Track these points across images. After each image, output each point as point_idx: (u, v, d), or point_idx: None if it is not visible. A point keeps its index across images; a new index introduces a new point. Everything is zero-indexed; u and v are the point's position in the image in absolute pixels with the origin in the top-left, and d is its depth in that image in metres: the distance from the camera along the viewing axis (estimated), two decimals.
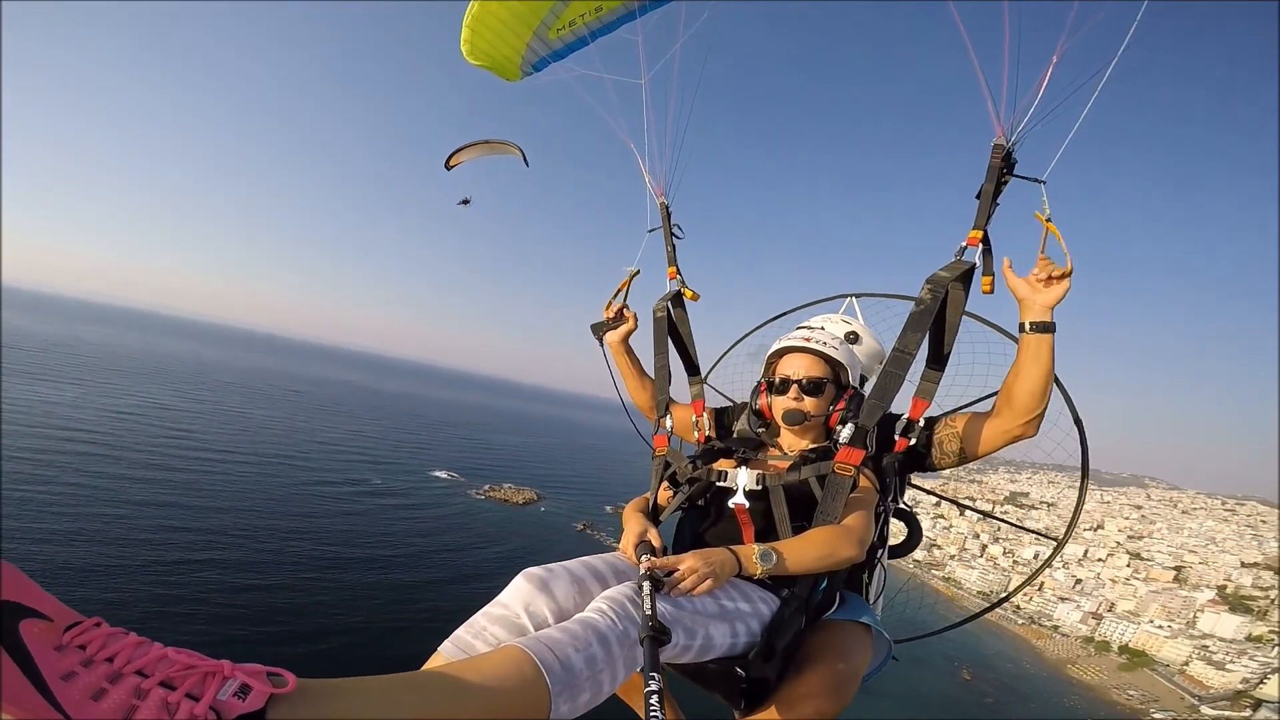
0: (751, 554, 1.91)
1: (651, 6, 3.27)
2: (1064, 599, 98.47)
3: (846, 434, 2.25)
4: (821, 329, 2.72)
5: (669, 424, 2.86)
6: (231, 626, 42.08)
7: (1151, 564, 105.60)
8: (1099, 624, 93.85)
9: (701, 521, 2.53)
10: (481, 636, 1.61)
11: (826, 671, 2.03)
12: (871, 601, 2.72)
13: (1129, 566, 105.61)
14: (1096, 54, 2.12)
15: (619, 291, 3.23)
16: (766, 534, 2.28)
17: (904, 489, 2.79)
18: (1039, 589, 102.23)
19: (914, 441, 2.39)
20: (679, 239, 3.24)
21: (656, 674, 1.35)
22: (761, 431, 2.69)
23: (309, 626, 44.96)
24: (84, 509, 55.17)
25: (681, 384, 3.02)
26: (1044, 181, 2.17)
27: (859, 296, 3.67)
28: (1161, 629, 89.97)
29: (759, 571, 1.92)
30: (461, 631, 1.64)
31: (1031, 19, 2.06)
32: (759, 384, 2.69)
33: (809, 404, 2.49)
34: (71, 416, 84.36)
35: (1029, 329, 2.11)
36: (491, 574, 61.97)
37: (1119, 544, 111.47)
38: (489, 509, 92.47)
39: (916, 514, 2.91)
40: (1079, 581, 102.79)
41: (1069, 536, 2.80)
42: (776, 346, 2.66)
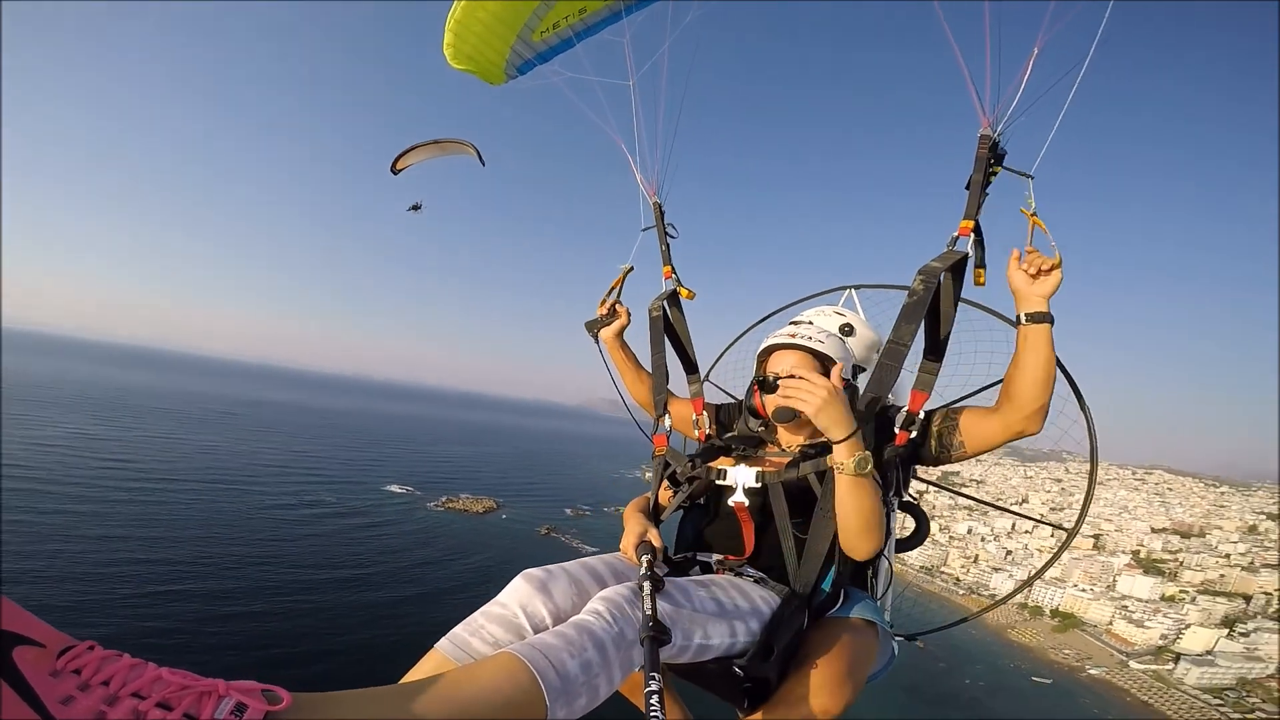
0: (851, 455, 1.94)
1: (637, 7, 3.25)
2: (997, 569, 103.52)
3: None
4: (810, 323, 2.71)
5: (668, 422, 2.84)
6: (225, 655, 42.04)
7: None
8: (1030, 590, 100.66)
9: (702, 520, 2.58)
10: (479, 635, 1.62)
11: (830, 670, 2.01)
12: (879, 598, 2.73)
13: (1053, 537, 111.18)
14: (1081, 45, 2.18)
15: (613, 288, 3.19)
16: (766, 531, 2.32)
17: (907, 483, 2.74)
18: (974, 561, 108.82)
19: (914, 434, 2.34)
20: (673, 238, 3.21)
21: (657, 674, 1.37)
22: (761, 429, 2.68)
23: (301, 649, 45.23)
24: (34, 547, 52.88)
25: (680, 383, 2.98)
26: (1032, 177, 2.21)
27: (857, 288, 3.70)
28: (1085, 592, 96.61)
29: (850, 465, 1.93)
30: (459, 629, 1.65)
31: (1012, 9, 2.09)
32: (752, 383, 2.66)
33: None
34: None
35: (1025, 320, 2.12)
36: (470, 585, 62.61)
37: (1043, 515, 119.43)
38: (451, 520, 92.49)
39: (922, 507, 2.92)
40: (1009, 553, 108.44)
41: (1079, 528, 2.74)
42: (764, 345, 2.66)
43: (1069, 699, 71.44)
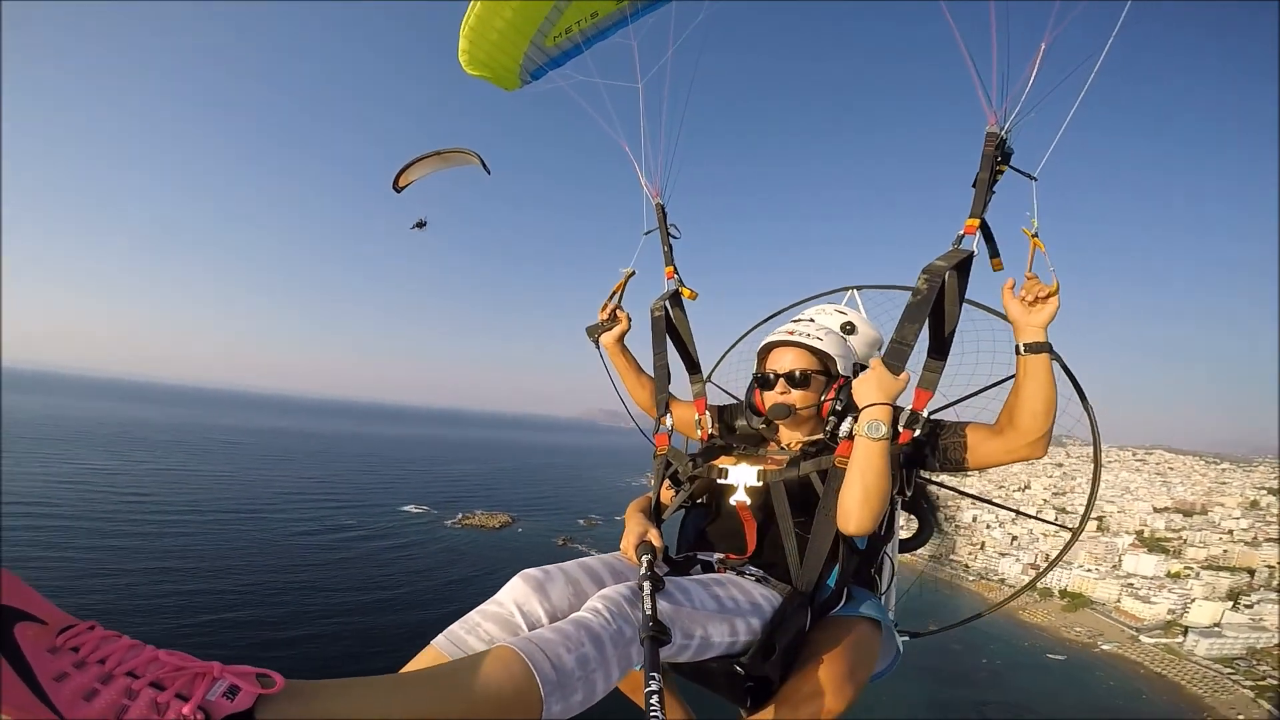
0: (877, 421, 2.02)
1: (644, 11, 3.29)
2: (1004, 554, 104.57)
3: (846, 427, 2.24)
4: (810, 321, 2.72)
5: (669, 422, 2.82)
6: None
7: (1076, 516, 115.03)
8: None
9: (704, 519, 2.58)
10: (475, 632, 1.62)
11: (832, 670, 2.00)
12: (882, 595, 2.74)
13: (1057, 521, 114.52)
14: (1094, 41, 2.10)
15: (614, 293, 3.16)
16: (768, 530, 2.33)
17: (910, 482, 2.62)
18: (980, 548, 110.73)
19: (918, 433, 2.25)
20: (675, 238, 3.19)
21: (657, 673, 1.38)
22: (763, 428, 2.67)
23: (361, 667, 46.40)
24: (77, 583, 54.13)
25: (683, 383, 2.94)
26: (1035, 179, 2.17)
27: (860, 289, 3.70)
28: (1091, 572, 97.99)
29: (864, 427, 2.03)
30: (456, 626, 1.64)
31: (1021, 5, 2.05)
32: (752, 381, 2.69)
33: (795, 397, 2.50)
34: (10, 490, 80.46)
35: (1023, 351, 2.09)
36: None
37: (1046, 500, 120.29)
38: (470, 537, 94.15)
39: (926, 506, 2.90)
40: (1015, 538, 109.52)
41: (1082, 528, 2.71)
42: (764, 342, 2.67)
43: (1086, 673, 72.78)
